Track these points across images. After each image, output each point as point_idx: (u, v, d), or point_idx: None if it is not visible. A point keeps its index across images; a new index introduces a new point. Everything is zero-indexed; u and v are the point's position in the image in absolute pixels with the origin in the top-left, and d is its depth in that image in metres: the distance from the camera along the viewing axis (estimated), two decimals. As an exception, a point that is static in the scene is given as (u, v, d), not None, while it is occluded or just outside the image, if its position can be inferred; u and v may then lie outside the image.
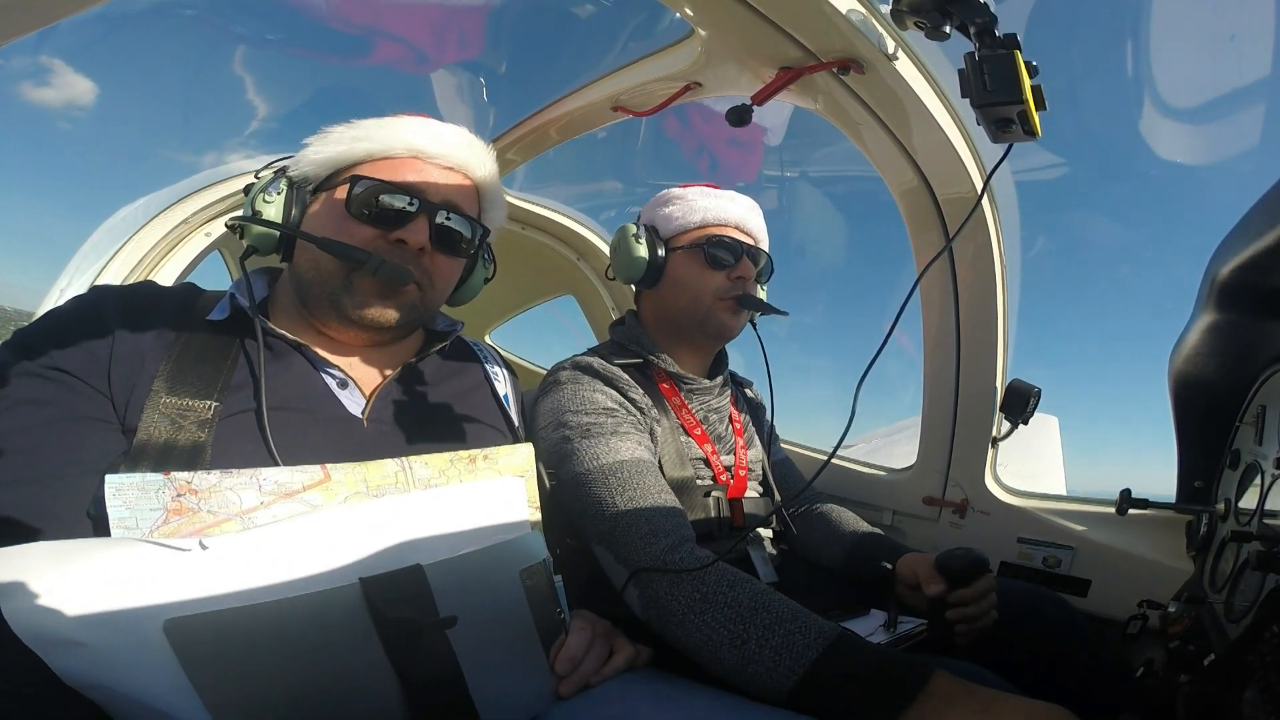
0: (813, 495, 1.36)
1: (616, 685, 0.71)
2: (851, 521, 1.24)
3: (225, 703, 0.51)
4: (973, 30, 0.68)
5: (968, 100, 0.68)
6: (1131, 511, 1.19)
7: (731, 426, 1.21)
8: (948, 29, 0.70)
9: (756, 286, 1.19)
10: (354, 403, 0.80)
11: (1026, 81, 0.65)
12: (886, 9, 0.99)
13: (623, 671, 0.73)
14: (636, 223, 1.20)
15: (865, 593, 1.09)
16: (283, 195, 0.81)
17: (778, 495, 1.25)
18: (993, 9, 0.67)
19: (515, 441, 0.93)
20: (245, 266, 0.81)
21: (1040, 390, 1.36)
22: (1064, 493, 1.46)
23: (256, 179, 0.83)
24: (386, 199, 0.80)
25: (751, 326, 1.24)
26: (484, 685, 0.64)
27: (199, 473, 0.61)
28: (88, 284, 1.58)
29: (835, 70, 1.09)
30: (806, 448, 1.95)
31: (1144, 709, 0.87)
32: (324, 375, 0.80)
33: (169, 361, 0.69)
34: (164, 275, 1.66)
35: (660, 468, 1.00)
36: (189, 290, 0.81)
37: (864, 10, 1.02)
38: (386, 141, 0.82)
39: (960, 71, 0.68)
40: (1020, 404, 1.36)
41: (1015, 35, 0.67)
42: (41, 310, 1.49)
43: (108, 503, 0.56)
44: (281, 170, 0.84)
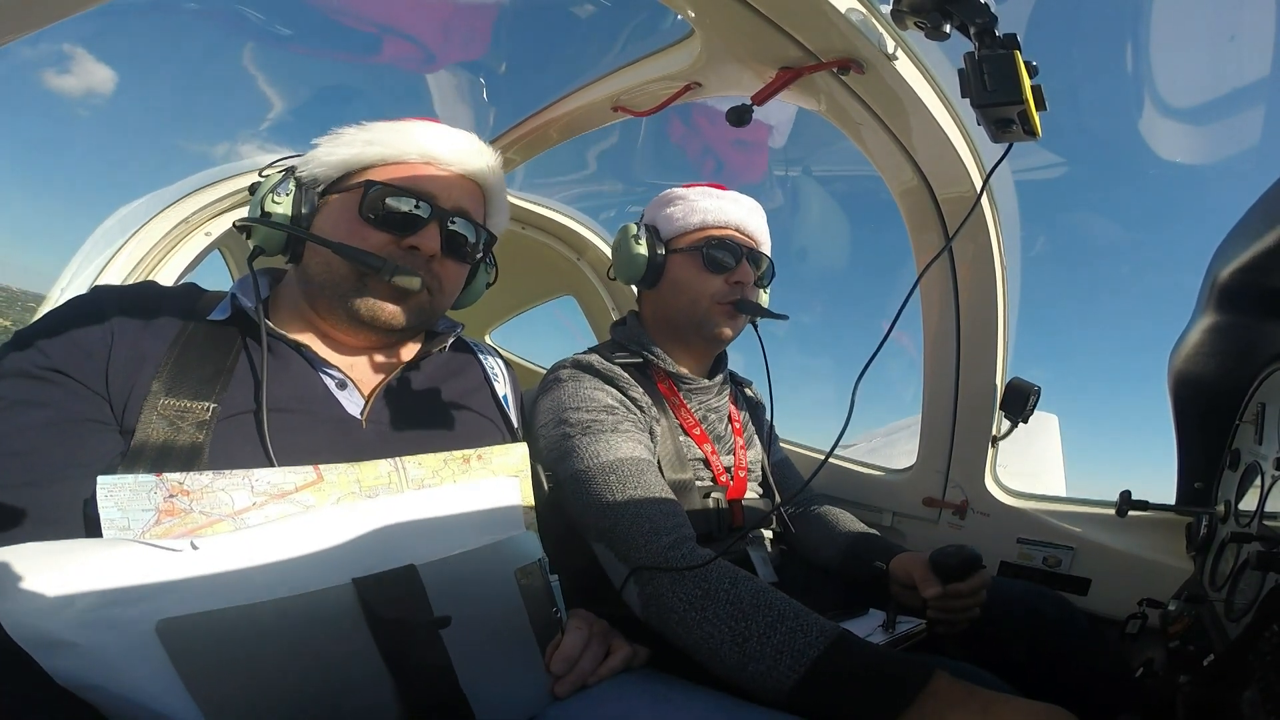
0: (812, 496, 1.36)
1: (613, 685, 0.71)
2: (848, 522, 1.24)
3: (218, 703, 0.51)
4: (973, 30, 0.68)
5: (968, 100, 0.67)
6: (1131, 513, 1.19)
7: (731, 426, 1.21)
8: (948, 29, 0.70)
9: (756, 291, 1.18)
10: (353, 403, 0.80)
11: (1026, 81, 0.65)
12: (886, 9, 0.99)
13: (620, 671, 0.73)
14: (638, 222, 1.19)
15: (864, 593, 1.09)
16: (291, 196, 0.80)
17: (777, 496, 1.24)
18: (993, 9, 0.67)
19: (514, 442, 0.93)
20: (253, 266, 0.81)
21: (1040, 388, 1.35)
22: (1064, 492, 1.46)
23: (262, 178, 0.82)
24: (399, 204, 0.79)
25: (752, 327, 1.24)
26: (479, 685, 0.64)
27: (191, 474, 0.60)
28: (88, 283, 1.57)
29: (835, 70, 1.09)
30: (806, 447, 1.95)
31: (1144, 709, 0.86)
32: (323, 376, 0.79)
33: (168, 362, 0.69)
34: (165, 274, 1.65)
35: (660, 468, 1.00)
36: (190, 290, 0.80)
37: (864, 10, 1.02)
38: (399, 146, 0.82)
39: (960, 71, 0.68)
40: (1020, 402, 1.36)
41: (1015, 35, 0.66)
42: (48, 298, 1.49)
43: (99, 504, 0.56)
44: (289, 170, 0.83)
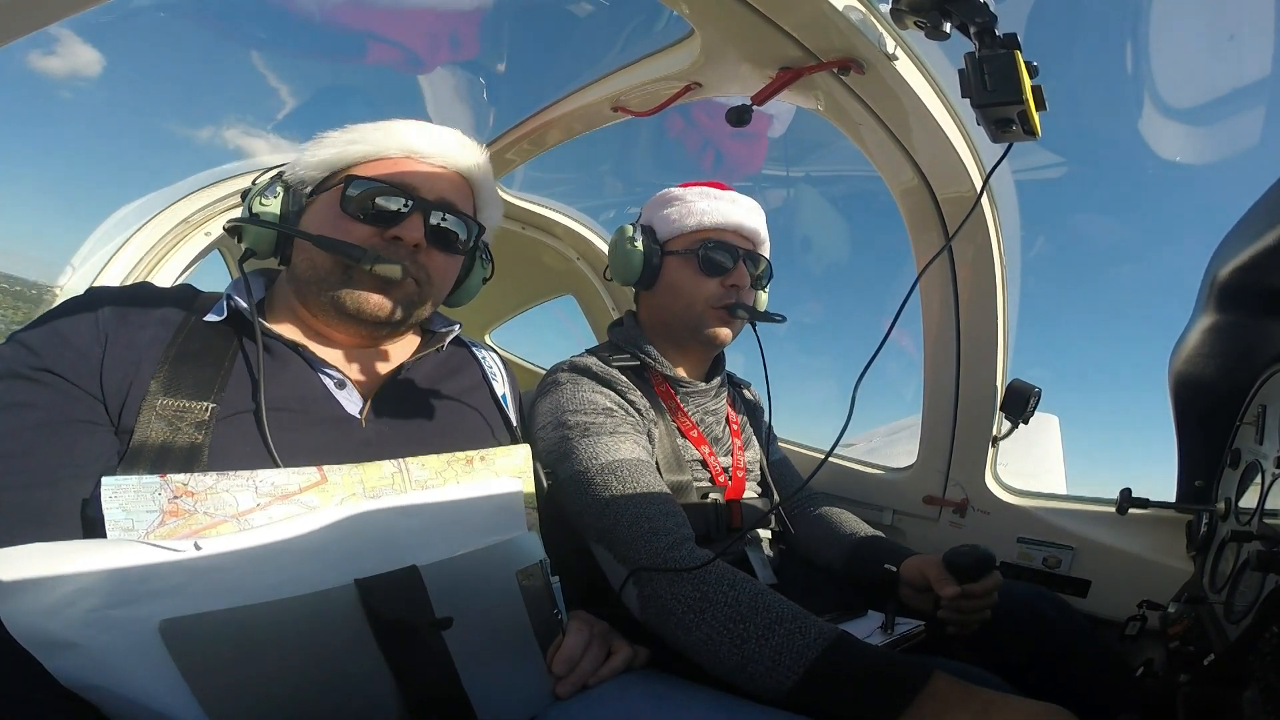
0: (812, 494, 1.36)
1: (614, 686, 0.71)
2: (851, 523, 1.23)
3: (221, 703, 0.51)
4: (973, 30, 0.68)
5: (968, 100, 0.68)
6: (1131, 511, 1.19)
7: (728, 428, 1.21)
8: (948, 29, 0.70)
9: (753, 293, 1.18)
10: (351, 403, 0.80)
11: (1026, 81, 0.65)
12: (886, 9, 0.99)
13: (620, 672, 0.73)
14: (635, 223, 1.19)
15: (863, 594, 1.09)
16: (279, 198, 0.83)
17: (776, 496, 1.24)
18: (993, 9, 0.67)
19: (514, 441, 0.93)
20: (243, 268, 0.82)
21: (1040, 390, 1.35)
22: (1064, 492, 1.46)
23: (254, 185, 0.85)
24: (381, 198, 0.81)
25: (751, 328, 1.24)
26: (481, 686, 0.64)
27: (195, 475, 0.60)
28: (87, 284, 1.58)
29: (835, 70, 1.09)
30: (806, 447, 1.95)
31: (1144, 709, 0.86)
32: (321, 376, 0.79)
33: (165, 363, 0.69)
34: (164, 275, 1.65)
35: (658, 470, 1.00)
36: (186, 291, 0.81)
37: (864, 10, 1.02)
38: (381, 143, 0.83)
39: (960, 71, 0.68)
40: (1020, 404, 1.36)
41: (1015, 35, 0.67)
42: (44, 303, 1.50)
43: (104, 504, 0.56)
44: (278, 175, 0.85)
